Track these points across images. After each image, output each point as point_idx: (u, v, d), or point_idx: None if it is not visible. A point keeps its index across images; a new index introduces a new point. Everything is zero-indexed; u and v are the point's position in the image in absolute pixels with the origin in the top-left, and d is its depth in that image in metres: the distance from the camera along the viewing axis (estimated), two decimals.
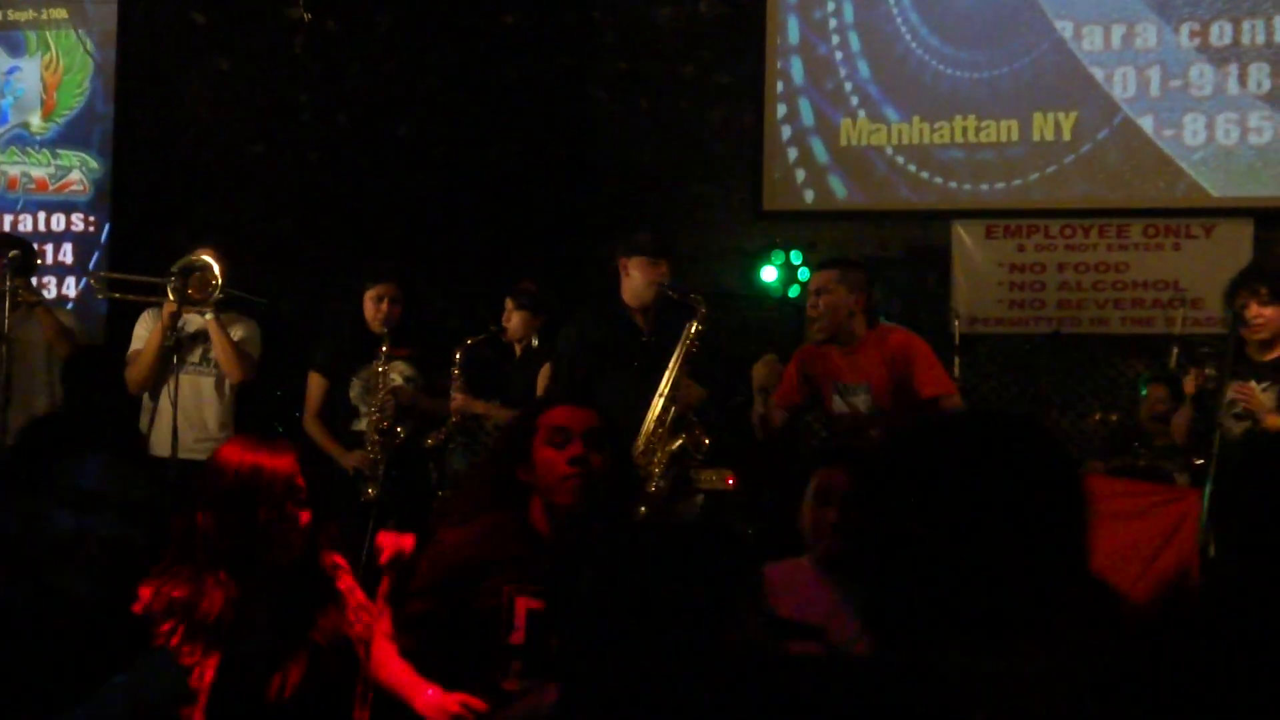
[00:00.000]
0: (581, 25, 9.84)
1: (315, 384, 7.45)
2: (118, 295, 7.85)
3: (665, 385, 6.18)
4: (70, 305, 9.26)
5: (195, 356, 7.53)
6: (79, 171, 10.05)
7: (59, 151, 10.10)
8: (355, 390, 7.31)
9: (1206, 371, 6.61)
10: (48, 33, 10.14)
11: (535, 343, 7.82)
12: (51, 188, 10.08)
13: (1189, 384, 6.69)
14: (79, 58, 10.07)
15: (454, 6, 9.65)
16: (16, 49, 10.21)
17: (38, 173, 10.13)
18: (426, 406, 7.25)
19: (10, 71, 10.23)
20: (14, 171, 10.15)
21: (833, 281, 6.28)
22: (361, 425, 7.25)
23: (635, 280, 6.63)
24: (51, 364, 7.82)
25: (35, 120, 10.16)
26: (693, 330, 6.21)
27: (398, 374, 7.24)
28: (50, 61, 10.14)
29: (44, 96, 10.17)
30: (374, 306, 7.28)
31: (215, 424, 7.56)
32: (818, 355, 6.40)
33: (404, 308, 7.45)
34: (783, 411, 6.40)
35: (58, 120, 10.12)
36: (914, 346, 6.32)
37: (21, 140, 10.19)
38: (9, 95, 10.23)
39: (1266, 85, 8.99)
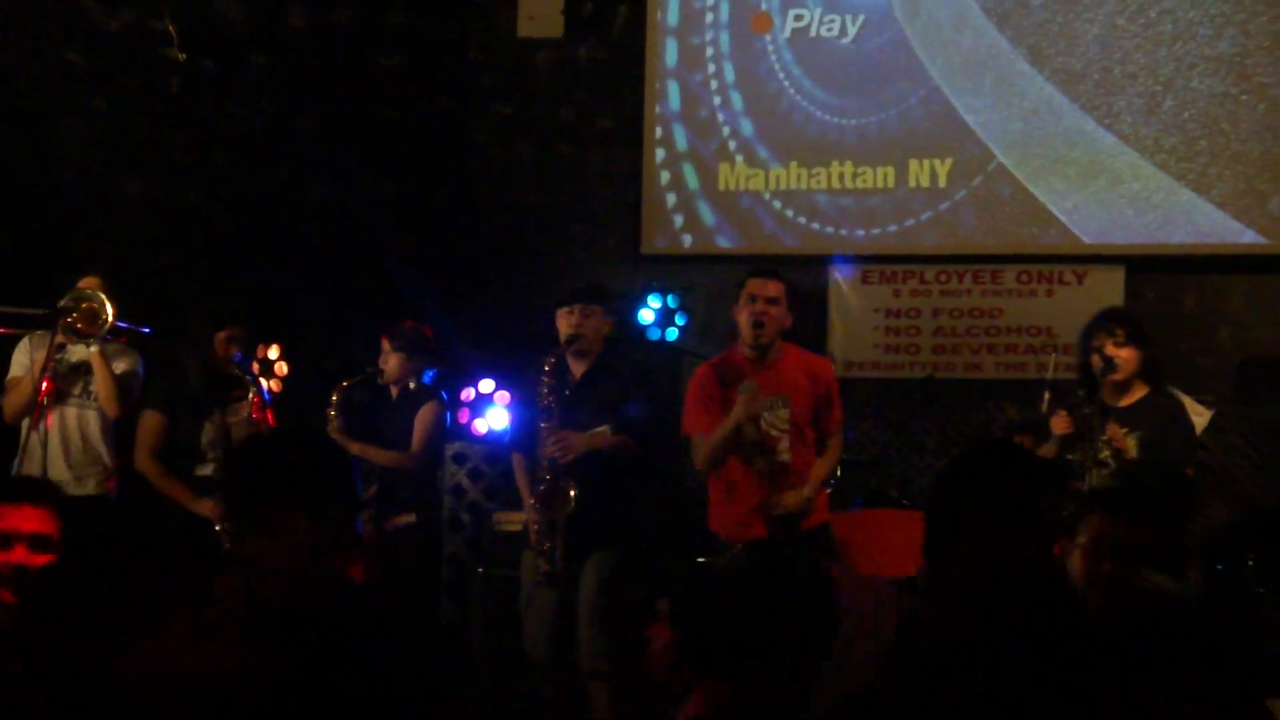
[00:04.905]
0: (460, 68, 9.85)
1: (152, 421, 7.30)
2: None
3: None
4: None
5: (77, 389, 7.42)
6: None
7: None
8: (208, 435, 7.21)
9: (1084, 412, 6.65)
10: None
11: (412, 385, 7.75)
12: None
13: (1058, 424, 6.73)
14: None
15: (332, 48, 9.63)
16: None
17: None
18: None
19: None
20: None
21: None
22: (207, 470, 7.17)
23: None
24: None
25: None
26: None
27: (242, 416, 7.19)
28: None
29: None
30: (225, 348, 7.22)
31: (98, 456, 7.46)
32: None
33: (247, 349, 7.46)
34: None
35: None
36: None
37: None
38: None
39: (1141, 134, 9.13)
